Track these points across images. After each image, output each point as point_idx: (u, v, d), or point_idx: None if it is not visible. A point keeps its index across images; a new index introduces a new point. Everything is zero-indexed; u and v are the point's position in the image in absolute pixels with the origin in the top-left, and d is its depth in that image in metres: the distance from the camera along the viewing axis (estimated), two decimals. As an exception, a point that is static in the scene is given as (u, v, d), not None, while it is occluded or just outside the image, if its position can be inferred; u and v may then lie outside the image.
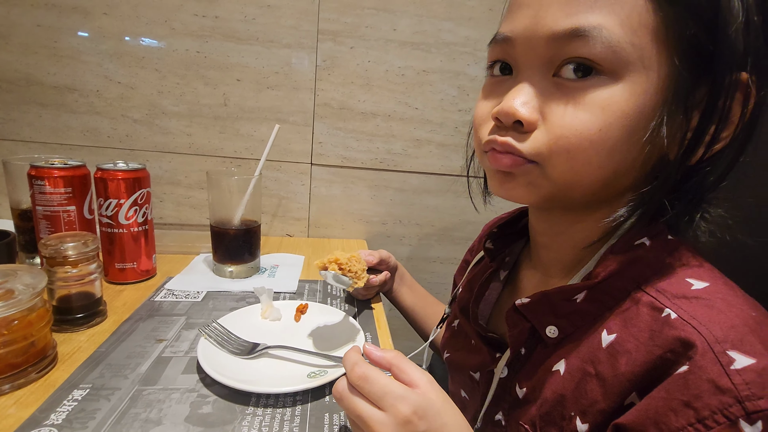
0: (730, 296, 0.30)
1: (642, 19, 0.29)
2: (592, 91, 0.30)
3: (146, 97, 0.87)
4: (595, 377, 0.32)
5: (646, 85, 0.30)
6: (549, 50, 0.31)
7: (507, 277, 0.49)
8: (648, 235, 0.34)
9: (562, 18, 0.30)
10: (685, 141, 0.31)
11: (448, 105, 0.93)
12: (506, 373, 0.41)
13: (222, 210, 0.70)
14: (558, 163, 0.32)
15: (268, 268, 0.76)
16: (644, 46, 0.29)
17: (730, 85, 0.29)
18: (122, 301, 0.61)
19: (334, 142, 0.93)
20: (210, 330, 0.50)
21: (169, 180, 0.91)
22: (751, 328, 0.27)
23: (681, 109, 0.30)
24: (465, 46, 0.90)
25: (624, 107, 0.30)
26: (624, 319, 0.33)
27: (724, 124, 0.30)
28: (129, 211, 0.64)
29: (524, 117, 0.32)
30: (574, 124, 0.31)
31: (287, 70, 0.88)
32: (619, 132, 0.30)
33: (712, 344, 0.27)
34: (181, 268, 0.74)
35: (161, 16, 0.83)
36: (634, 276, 0.33)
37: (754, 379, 0.25)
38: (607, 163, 0.31)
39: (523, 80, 0.33)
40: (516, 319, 0.38)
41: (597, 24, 0.29)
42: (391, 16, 0.87)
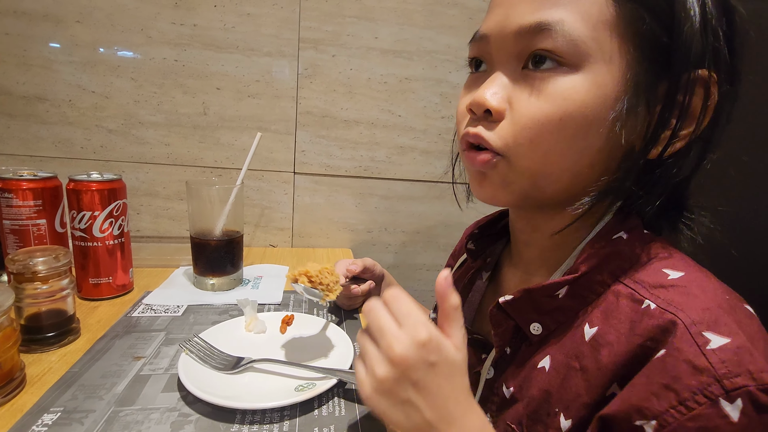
0: (704, 282, 0.31)
1: (601, 15, 0.31)
2: (554, 81, 0.32)
3: (122, 107, 0.84)
4: (579, 371, 0.33)
5: (607, 76, 0.31)
6: (517, 44, 0.33)
7: (489, 277, 0.50)
8: (624, 229, 0.35)
9: (528, 14, 0.32)
10: (647, 134, 0.32)
11: (431, 112, 0.93)
12: (492, 374, 0.41)
13: (202, 221, 0.68)
14: (523, 153, 0.33)
15: (251, 279, 0.74)
16: (604, 39, 0.31)
17: (689, 81, 0.31)
18: (97, 318, 0.58)
19: (317, 151, 0.92)
20: (191, 345, 0.48)
21: (146, 191, 0.89)
22: (725, 310, 0.28)
23: (642, 102, 0.32)
24: (446, 54, 0.91)
25: (584, 97, 0.31)
26: (605, 311, 0.33)
27: (684, 119, 0.32)
28: (104, 224, 0.61)
29: (492, 106, 0.34)
30: (535, 113, 0.32)
31: (268, 78, 0.87)
32: (579, 121, 0.32)
33: (688, 326, 0.27)
34: (160, 281, 0.71)
35: (137, 25, 0.81)
36: (613, 269, 0.34)
37: (729, 357, 0.25)
38: (569, 151, 0.33)
39: (494, 75, 0.35)
40: (500, 318, 0.38)
41: (559, 19, 0.31)
42: (372, 25, 0.87)
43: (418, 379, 0.30)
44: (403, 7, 0.87)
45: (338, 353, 0.50)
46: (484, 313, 0.48)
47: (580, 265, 0.35)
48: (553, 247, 0.40)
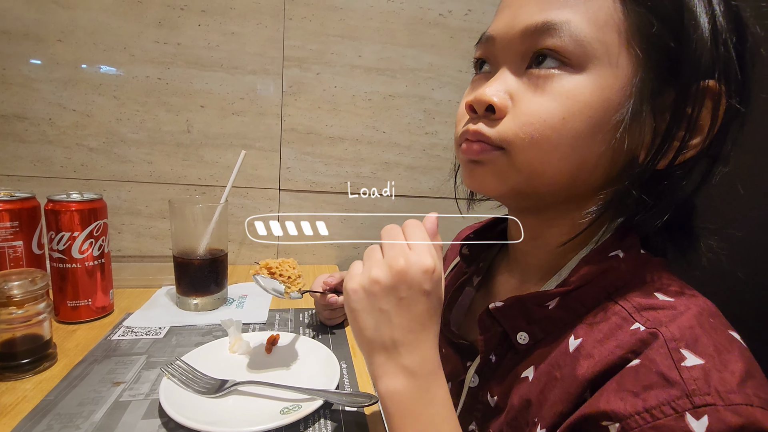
0: (692, 303, 0.31)
1: (609, 18, 0.31)
2: (559, 81, 0.32)
3: (103, 125, 0.83)
4: (559, 381, 0.33)
5: (612, 80, 0.31)
6: (523, 44, 0.33)
7: (480, 282, 0.49)
8: (621, 248, 0.35)
9: (536, 14, 0.32)
10: (654, 144, 0.32)
11: (415, 128, 0.94)
12: (477, 382, 0.40)
13: (186, 240, 0.67)
14: (523, 150, 0.33)
15: (236, 298, 0.73)
16: (611, 42, 0.31)
17: (698, 91, 0.30)
18: (75, 342, 0.56)
19: (302, 167, 0.92)
20: (173, 368, 0.47)
21: (128, 210, 0.87)
22: (706, 331, 0.28)
23: (647, 110, 0.31)
24: (429, 72, 0.93)
25: (588, 98, 0.31)
26: (592, 326, 0.33)
27: (692, 130, 0.31)
28: (84, 245, 0.60)
29: (494, 101, 0.33)
30: (539, 110, 0.32)
31: (253, 96, 0.87)
32: (582, 122, 0.31)
33: (668, 341, 0.27)
34: (142, 302, 0.70)
35: (119, 43, 0.81)
36: (606, 286, 0.34)
37: (701, 376, 0.25)
38: (571, 153, 0.32)
39: (498, 73, 0.35)
40: (488, 323, 0.38)
41: (566, 19, 0.31)
42: (355, 44, 0.89)
43: (405, 297, 0.31)
44: (386, 27, 0.89)
45: (325, 373, 0.49)
46: (472, 317, 0.48)
47: (572, 278, 0.34)
48: (549, 256, 0.39)
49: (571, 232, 0.36)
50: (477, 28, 0.91)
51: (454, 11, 0.91)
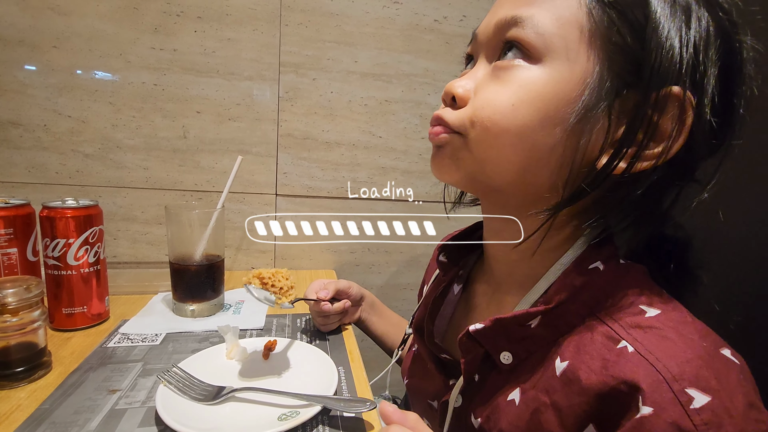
0: (680, 325, 0.30)
1: (572, 16, 0.32)
2: (516, 71, 0.34)
3: (99, 131, 0.83)
4: (551, 407, 0.32)
5: (568, 74, 0.32)
6: (495, 37, 0.36)
7: (461, 291, 0.49)
8: (601, 259, 0.34)
9: (509, 10, 0.34)
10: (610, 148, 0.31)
11: (411, 133, 0.95)
12: (461, 402, 0.40)
13: (182, 245, 0.67)
14: (476, 134, 0.35)
15: (232, 304, 0.73)
16: (571, 39, 0.32)
17: (659, 98, 0.30)
18: (70, 350, 0.56)
19: (298, 172, 0.92)
20: (170, 375, 0.46)
21: (123, 216, 0.87)
22: (705, 361, 0.28)
23: (603, 109, 0.31)
24: (424, 77, 0.93)
25: (540, 89, 0.32)
26: (577, 345, 0.33)
27: (651, 136, 0.30)
28: (79, 251, 0.60)
29: (457, 93, 0.36)
30: (492, 97, 0.34)
31: (249, 101, 0.87)
32: (531, 111, 0.32)
33: (670, 383, 0.27)
34: (138, 309, 0.69)
35: (116, 50, 0.81)
36: (588, 301, 0.33)
37: (711, 419, 0.25)
38: (519, 141, 0.33)
39: (475, 67, 0.38)
40: (469, 345, 0.37)
41: (531, 14, 0.33)
42: (351, 49, 0.89)
43: None
44: (381, 33, 0.90)
45: (323, 378, 0.49)
46: (454, 328, 0.48)
47: (554, 295, 0.34)
48: (521, 263, 0.39)
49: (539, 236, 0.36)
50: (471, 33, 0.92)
51: (450, 17, 0.91)
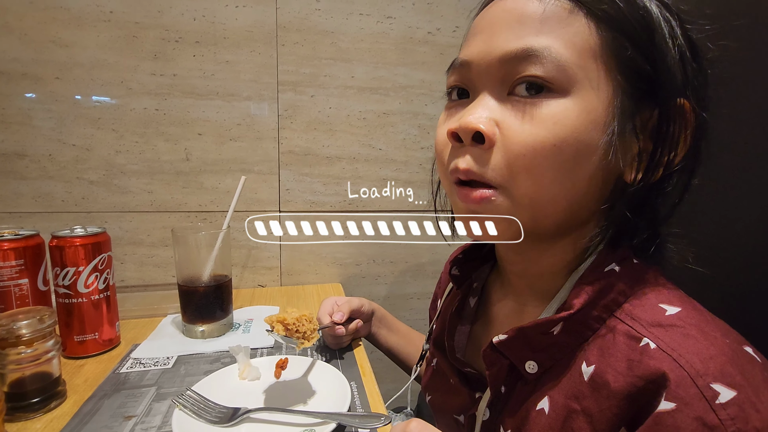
0: (702, 323, 0.30)
1: (585, 43, 0.32)
2: (545, 106, 0.32)
3: (103, 158, 0.84)
4: (582, 413, 0.32)
5: (595, 102, 0.32)
6: (502, 70, 0.33)
7: (477, 304, 0.49)
8: (615, 261, 0.34)
9: (513, 40, 0.32)
10: (641, 163, 0.33)
11: (411, 144, 0.96)
12: (488, 415, 0.39)
13: (190, 267, 0.68)
14: (520, 182, 0.33)
15: (241, 323, 0.73)
16: (589, 66, 0.32)
17: (674, 109, 0.32)
18: (83, 378, 0.56)
19: (301, 188, 0.93)
20: (185, 399, 0.47)
21: (130, 240, 0.88)
22: (729, 357, 0.28)
23: (629, 128, 0.32)
24: (421, 88, 0.94)
25: (575, 122, 0.31)
26: (601, 348, 0.32)
27: (674, 147, 0.32)
28: (89, 279, 0.60)
29: (482, 129, 0.32)
30: (530, 140, 0.32)
31: (249, 121, 0.89)
32: (572, 146, 0.31)
33: (694, 378, 0.27)
34: (148, 333, 0.69)
35: (117, 78, 0.83)
36: (608, 304, 0.33)
37: (737, 413, 0.25)
38: (565, 178, 0.32)
39: (480, 98, 0.34)
40: (494, 358, 0.37)
41: (546, 45, 0.31)
42: (347, 65, 0.91)
43: None
44: (376, 47, 0.91)
45: (336, 395, 0.49)
46: (474, 341, 0.48)
47: (573, 301, 0.34)
48: (546, 278, 0.39)
49: (570, 256, 0.36)
50: (465, 43, 0.94)
51: (442, 29, 0.93)
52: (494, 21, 0.35)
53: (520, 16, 0.33)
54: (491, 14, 0.35)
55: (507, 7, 0.34)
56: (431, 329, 0.57)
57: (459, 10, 0.93)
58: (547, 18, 0.32)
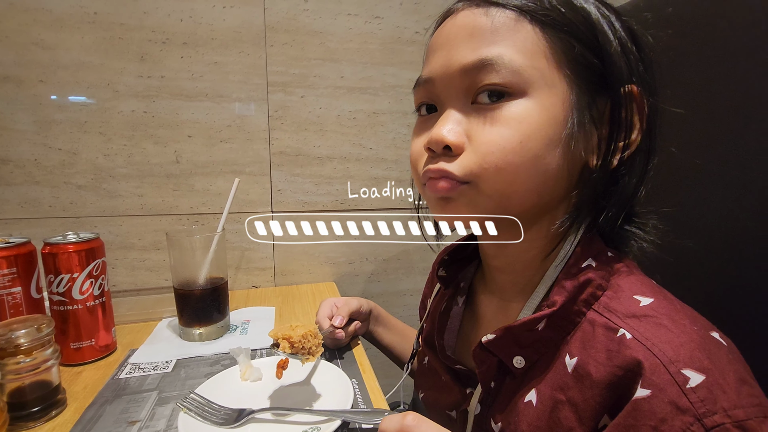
0: (672, 312, 0.33)
1: (534, 46, 0.34)
2: (507, 109, 0.34)
3: (91, 162, 0.83)
4: (567, 403, 0.34)
5: (553, 99, 0.34)
6: (464, 82, 0.36)
7: (465, 302, 0.50)
8: (591, 256, 0.37)
9: (469, 53, 0.35)
10: (600, 148, 0.36)
11: (401, 142, 0.97)
12: (479, 410, 0.41)
13: (185, 271, 0.67)
14: (490, 178, 0.35)
15: (238, 325, 0.74)
16: (541, 67, 0.34)
17: (625, 96, 0.35)
18: (82, 385, 0.56)
19: (293, 189, 0.93)
20: (189, 402, 0.47)
21: (120, 244, 0.87)
22: (697, 344, 0.30)
23: (587, 119, 0.35)
24: (409, 87, 0.93)
25: (537, 119, 0.34)
26: (582, 341, 0.34)
27: (629, 130, 0.35)
28: (84, 285, 0.60)
29: (451, 141, 0.35)
30: (497, 140, 0.34)
31: (240, 122, 0.88)
32: (538, 141, 0.34)
33: (667, 365, 0.29)
34: (144, 337, 0.69)
35: (103, 80, 0.81)
36: (586, 298, 0.36)
37: (706, 395, 0.27)
38: (534, 172, 0.35)
39: (446, 112, 0.37)
40: (483, 356, 0.39)
41: (499, 53, 0.34)
42: (337, 65, 0.91)
43: None
44: (364, 48, 0.92)
45: (338, 392, 0.50)
46: (463, 339, 0.50)
47: (555, 298, 0.36)
48: (525, 271, 0.41)
49: (543, 243, 0.39)
50: (452, 42, 0.95)
51: (430, 29, 0.94)
52: (450, 37, 0.37)
53: (472, 30, 0.36)
54: (446, 32, 0.38)
55: (459, 24, 0.37)
56: (421, 328, 0.58)
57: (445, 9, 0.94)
58: (497, 29, 0.35)
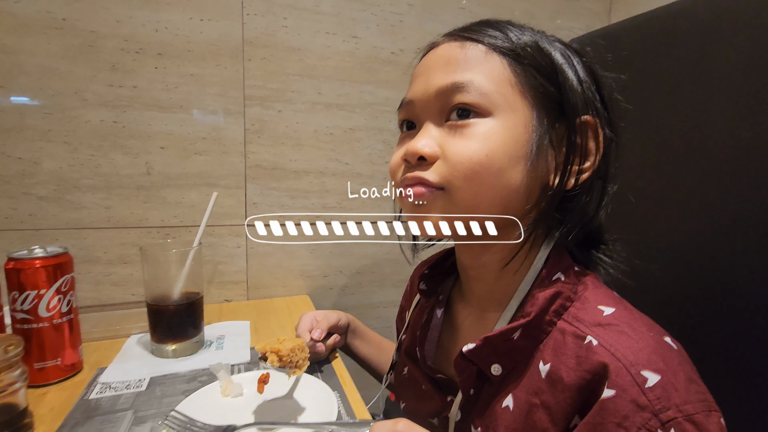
0: (631, 320, 0.36)
1: (501, 74, 0.39)
2: (475, 127, 0.39)
3: (54, 173, 0.80)
4: (541, 407, 0.36)
5: (516, 120, 0.39)
6: (438, 102, 0.40)
7: (443, 313, 0.53)
8: (560, 269, 0.41)
9: (443, 78, 0.40)
10: (558, 170, 0.40)
11: (376, 158, 1.00)
12: (460, 416, 0.43)
13: (160, 285, 0.66)
14: (459, 186, 0.39)
15: (213, 340, 0.72)
16: (506, 92, 0.39)
17: (580, 125, 0.39)
18: (48, 407, 0.53)
19: (269, 202, 0.93)
20: (170, 421, 0.46)
21: (84, 258, 0.83)
22: (653, 348, 0.34)
23: (547, 142, 0.39)
24: (385, 105, 0.99)
25: (501, 136, 0.38)
26: (554, 349, 0.38)
27: (583, 156, 0.40)
28: (51, 302, 0.57)
29: (425, 153, 0.40)
30: (465, 152, 0.38)
31: (215, 135, 0.88)
32: (501, 156, 0.38)
33: (628, 368, 0.32)
34: (113, 355, 0.67)
35: (70, 88, 0.79)
36: (557, 309, 0.39)
37: (661, 393, 0.31)
38: (498, 183, 0.39)
39: (424, 128, 0.42)
40: (464, 365, 0.41)
41: (469, 79, 0.39)
42: (315, 81, 0.93)
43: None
44: (342, 65, 0.94)
45: (322, 405, 0.51)
46: (443, 349, 0.52)
47: (529, 308, 0.39)
48: (499, 282, 0.44)
49: (506, 251, 0.42)
50: (426, 64, 0.99)
51: (405, 50, 0.98)
52: (429, 66, 0.42)
53: (448, 59, 0.41)
54: (427, 61, 0.43)
55: (439, 54, 0.42)
56: (400, 340, 0.60)
57: (420, 32, 0.99)
58: (469, 59, 0.40)
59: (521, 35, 0.41)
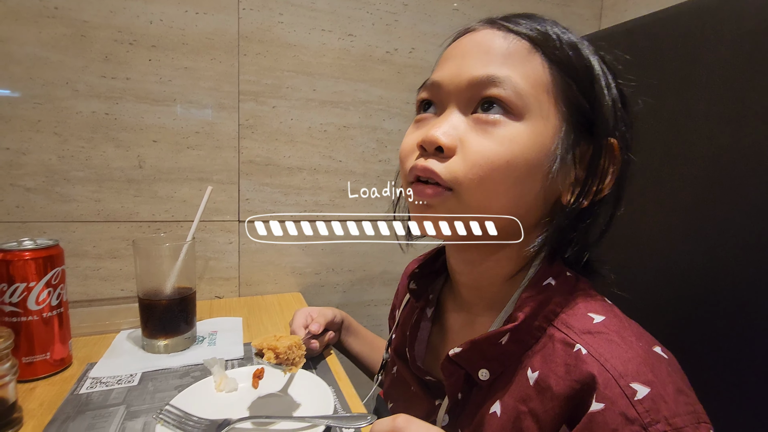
0: (621, 329, 0.35)
1: (539, 78, 0.37)
2: (502, 127, 0.37)
3: (43, 164, 0.78)
4: (529, 414, 0.35)
5: (544, 129, 0.37)
6: (469, 91, 0.38)
7: (433, 314, 0.52)
8: (552, 275, 0.39)
9: (480, 68, 0.37)
10: (576, 188, 0.39)
11: (369, 156, 1.00)
12: (447, 421, 0.42)
13: (152, 280, 0.65)
14: (471, 188, 0.36)
15: (206, 336, 0.72)
16: (541, 98, 0.37)
17: (605, 147, 0.38)
18: (37, 402, 0.52)
19: (261, 198, 0.93)
20: (165, 415, 0.46)
21: (72, 252, 0.81)
22: (642, 359, 0.33)
23: (569, 157, 0.38)
24: (379, 104, 0.99)
25: (526, 143, 0.36)
26: (543, 355, 0.36)
27: (602, 178, 0.38)
28: (41, 295, 0.56)
29: (444, 143, 0.37)
30: (486, 152, 0.36)
31: (209, 129, 0.87)
32: (522, 164, 0.36)
33: (617, 379, 0.32)
34: (102, 350, 0.66)
35: (61, 78, 0.77)
36: (547, 314, 0.38)
37: (651, 406, 0.30)
38: (513, 192, 0.37)
39: (446, 115, 0.39)
40: (451, 369, 0.40)
41: (507, 75, 0.37)
42: (309, 78, 0.93)
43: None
44: (337, 63, 0.94)
45: (317, 399, 0.51)
46: (432, 351, 0.51)
47: (518, 314, 0.38)
48: (490, 287, 0.43)
49: (512, 264, 0.41)
50: (420, 64, 1.00)
51: (400, 49, 0.99)
52: (465, 50, 0.40)
53: (488, 49, 0.38)
54: (463, 44, 0.41)
55: (477, 40, 0.40)
56: (390, 338, 0.60)
57: (415, 33, 1.00)
58: (510, 54, 0.37)
59: (566, 37, 0.38)
